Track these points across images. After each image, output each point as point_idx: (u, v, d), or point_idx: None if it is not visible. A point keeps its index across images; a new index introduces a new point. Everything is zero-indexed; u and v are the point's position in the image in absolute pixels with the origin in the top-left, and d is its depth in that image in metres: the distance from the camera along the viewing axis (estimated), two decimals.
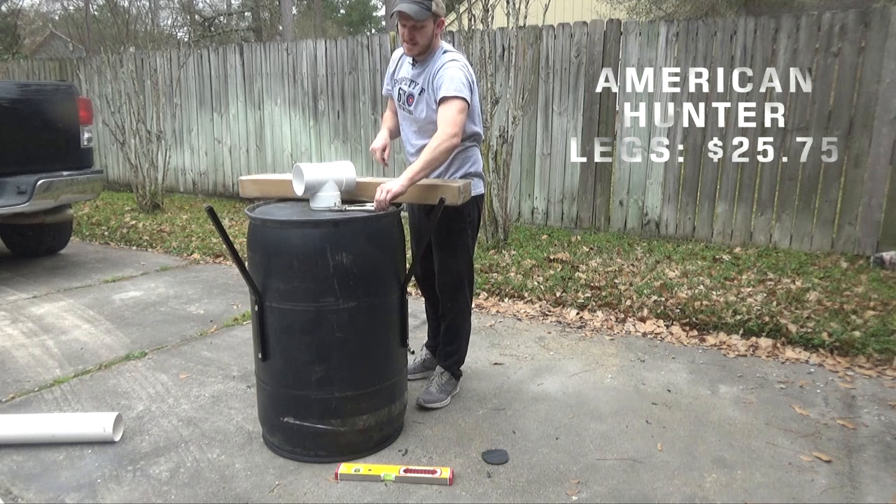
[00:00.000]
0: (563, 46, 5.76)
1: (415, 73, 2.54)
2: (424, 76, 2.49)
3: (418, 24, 2.37)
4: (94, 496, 2.08)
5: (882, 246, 4.78)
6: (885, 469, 2.24)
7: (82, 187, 4.90)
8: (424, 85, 2.49)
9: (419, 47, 2.45)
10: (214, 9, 22.88)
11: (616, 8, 12.55)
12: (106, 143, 8.55)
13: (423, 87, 2.50)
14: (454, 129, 2.33)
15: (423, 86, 2.49)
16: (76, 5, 22.02)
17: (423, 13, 2.36)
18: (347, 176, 2.37)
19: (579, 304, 3.92)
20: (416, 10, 2.34)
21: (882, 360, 3.12)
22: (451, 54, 2.48)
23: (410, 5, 2.34)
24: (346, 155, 7.07)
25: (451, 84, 2.37)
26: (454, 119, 2.34)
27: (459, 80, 2.38)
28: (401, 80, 2.60)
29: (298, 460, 2.27)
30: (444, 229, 2.56)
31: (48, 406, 2.71)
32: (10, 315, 3.91)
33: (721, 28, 5.17)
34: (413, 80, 2.54)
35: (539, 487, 2.12)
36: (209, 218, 2.18)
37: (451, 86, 2.37)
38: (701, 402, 2.76)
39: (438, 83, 2.41)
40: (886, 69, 4.66)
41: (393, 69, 2.68)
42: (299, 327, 2.19)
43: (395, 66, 2.67)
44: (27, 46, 22.80)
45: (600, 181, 5.83)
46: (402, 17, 2.36)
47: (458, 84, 2.37)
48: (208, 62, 8.02)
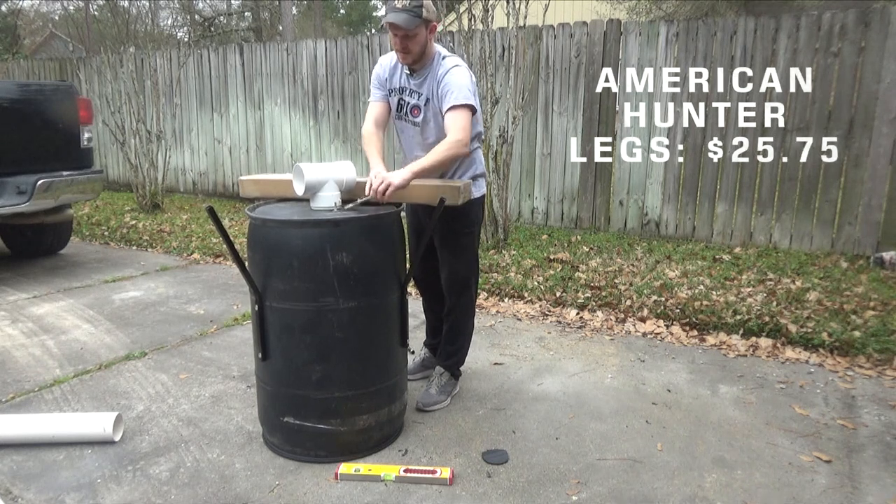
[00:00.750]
0: (563, 46, 5.76)
1: (416, 83, 2.49)
2: (427, 85, 2.46)
3: (410, 32, 2.31)
4: (94, 496, 2.08)
5: (882, 246, 4.78)
6: (885, 469, 2.23)
7: (82, 187, 4.90)
8: (429, 94, 2.46)
9: (413, 55, 2.40)
10: (214, 9, 22.88)
11: (616, 8, 12.55)
12: (106, 143, 8.55)
13: (427, 97, 2.47)
14: (465, 137, 2.33)
15: (428, 95, 2.47)
16: (76, 5, 22.03)
17: (413, 21, 2.29)
18: (347, 176, 2.37)
19: (579, 304, 3.92)
20: (406, 18, 2.28)
21: (882, 360, 3.12)
22: (451, 59, 2.46)
23: (399, 14, 2.28)
24: (346, 155, 7.08)
25: (459, 92, 2.36)
26: (464, 126, 2.35)
27: (466, 86, 2.37)
28: (399, 90, 2.54)
29: (298, 460, 2.27)
30: (450, 230, 2.56)
31: (48, 406, 2.71)
32: (10, 315, 3.91)
33: (721, 28, 5.17)
34: (415, 90, 2.49)
35: (539, 487, 2.12)
36: (209, 218, 2.18)
37: (460, 94, 2.35)
38: (701, 402, 2.76)
39: (445, 90, 2.38)
40: (886, 69, 4.66)
41: (385, 76, 2.56)
42: (299, 327, 2.19)
43: (386, 74, 2.56)
44: (27, 46, 22.81)
45: (600, 181, 5.84)
46: (392, 27, 2.31)
47: (465, 92, 2.36)
48: (208, 62, 8.02)
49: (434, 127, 2.50)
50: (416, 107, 2.51)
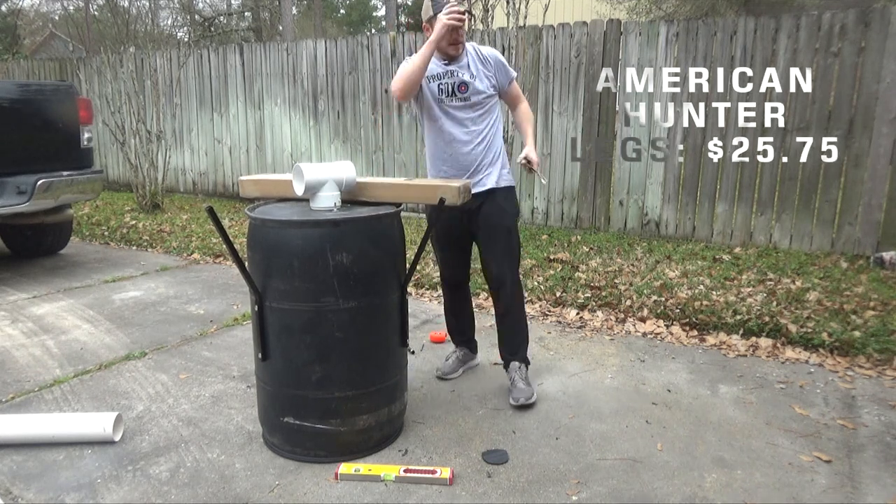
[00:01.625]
0: (563, 46, 5.76)
1: (454, 67, 2.60)
2: (465, 65, 2.60)
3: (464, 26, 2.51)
4: (94, 496, 2.08)
5: (882, 246, 4.78)
6: (885, 469, 2.23)
7: (82, 187, 4.90)
8: (474, 71, 2.61)
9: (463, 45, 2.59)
10: (214, 9, 22.87)
11: (616, 8, 12.55)
12: (106, 143, 8.55)
13: (473, 73, 2.60)
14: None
15: (473, 71, 2.60)
16: (76, 5, 22.01)
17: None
18: (347, 176, 2.37)
19: (579, 304, 3.92)
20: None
21: (882, 360, 3.12)
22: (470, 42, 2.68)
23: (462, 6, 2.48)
24: (346, 155, 7.07)
25: (509, 65, 2.70)
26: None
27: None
28: (437, 76, 2.60)
29: (298, 460, 2.27)
30: (503, 225, 2.70)
31: (48, 406, 2.71)
32: (10, 315, 3.91)
33: (721, 28, 5.17)
34: (456, 70, 2.60)
35: (539, 487, 2.12)
36: (209, 218, 2.18)
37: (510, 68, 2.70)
38: (701, 402, 2.76)
39: (498, 64, 2.65)
40: (886, 69, 4.66)
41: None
42: (299, 327, 2.19)
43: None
44: (27, 46, 22.80)
45: (600, 181, 5.84)
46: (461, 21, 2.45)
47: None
48: (208, 62, 8.02)
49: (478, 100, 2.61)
50: (463, 83, 2.59)
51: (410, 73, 2.45)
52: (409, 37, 6.61)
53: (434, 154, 2.71)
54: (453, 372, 3.00)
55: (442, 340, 3.41)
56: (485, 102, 2.63)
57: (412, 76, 2.45)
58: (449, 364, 3.02)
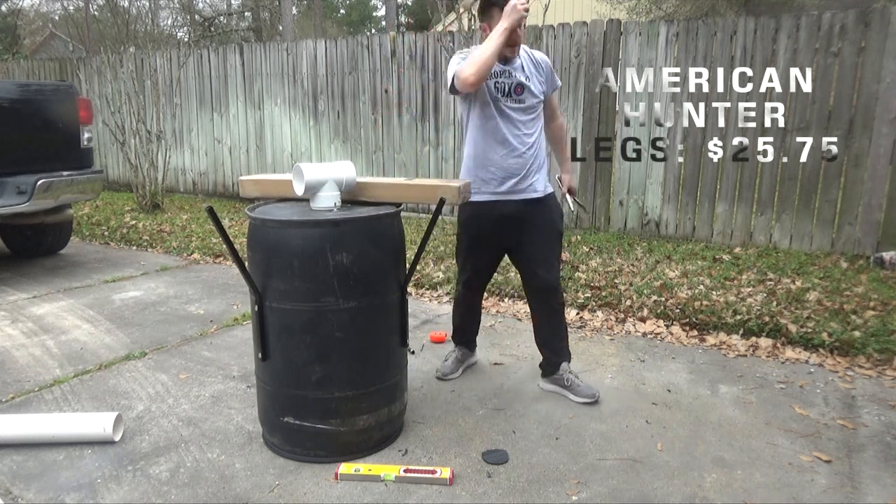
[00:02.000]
0: (563, 46, 5.76)
1: (511, 67, 2.55)
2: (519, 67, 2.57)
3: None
4: (94, 496, 2.08)
5: (882, 246, 4.78)
6: (885, 469, 2.24)
7: (82, 187, 4.90)
8: (528, 73, 2.58)
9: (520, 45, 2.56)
10: (214, 9, 22.87)
11: (616, 8, 12.55)
12: (106, 143, 8.55)
13: (527, 75, 2.58)
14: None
15: (528, 73, 2.58)
16: (76, 5, 22.00)
17: None
18: (347, 176, 2.36)
19: (579, 304, 3.92)
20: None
21: (882, 360, 3.12)
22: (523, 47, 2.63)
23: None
24: (346, 155, 7.07)
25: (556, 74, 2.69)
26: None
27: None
28: (492, 74, 2.50)
29: (298, 460, 2.27)
30: (557, 230, 2.72)
31: (48, 406, 2.71)
32: (10, 315, 3.91)
33: (721, 28, 5.17)
34: (512, 71, 2.55)
35: (539, 487, 2.12)
36: (209, 218, 2.18)
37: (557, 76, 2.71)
38: (701, 402, 2.76)
39: (549, 70, 2.65)
40: (886, 69, 4.66)
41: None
42: (299, 327, 2.19)
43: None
44: (27, 46, 22.80)
45: (600, 181, 5.83)
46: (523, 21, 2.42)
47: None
48: (208, 62, 8.02)
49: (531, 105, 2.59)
50: (519, 84, 2.57)
51: (486, 60, 2.31)
52: (409, 37, 6.61)
53: (477, 155, 2.62)
54: (453, 372, 3.00)
55: (442, 340, 3.41)
56: (536, 107, 2.62)
57: (487, 62, 2.32)
58: (448, 364, 3.02)
